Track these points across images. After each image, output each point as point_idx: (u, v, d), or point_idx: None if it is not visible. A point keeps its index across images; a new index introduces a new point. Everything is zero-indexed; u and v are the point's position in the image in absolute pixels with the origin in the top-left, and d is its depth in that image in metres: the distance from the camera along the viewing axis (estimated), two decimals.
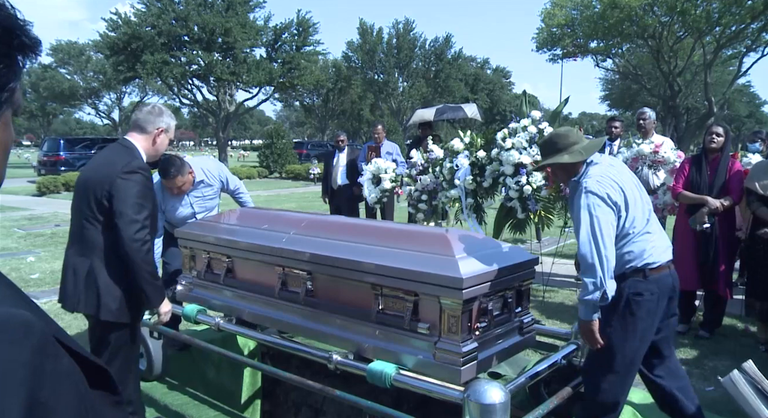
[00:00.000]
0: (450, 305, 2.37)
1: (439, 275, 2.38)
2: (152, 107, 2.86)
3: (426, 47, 41.97)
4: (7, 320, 0.62)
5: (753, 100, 54.31)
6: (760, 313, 4.59)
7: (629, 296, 2.53)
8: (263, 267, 3.13)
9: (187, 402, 3.42)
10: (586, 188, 2.48)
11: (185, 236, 3.64)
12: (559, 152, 2.64)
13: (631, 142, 5.73)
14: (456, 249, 2.51)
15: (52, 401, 0.64)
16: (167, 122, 2.81)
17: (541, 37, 27.88)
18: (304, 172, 23.83)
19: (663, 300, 2.60)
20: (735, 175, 4.75)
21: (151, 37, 25.06)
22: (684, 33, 24.89)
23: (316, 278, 2.90)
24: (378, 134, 7.79)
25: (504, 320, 2.65)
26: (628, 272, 2.55)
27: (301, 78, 29.18)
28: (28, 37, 0.73)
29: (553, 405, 2.45)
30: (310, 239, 2.99)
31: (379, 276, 2.59)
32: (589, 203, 2.45)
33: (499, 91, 52.66)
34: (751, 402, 1.67)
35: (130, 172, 2.59)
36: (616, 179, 2.52)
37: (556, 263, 6.96)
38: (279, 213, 3.74)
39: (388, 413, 2.43)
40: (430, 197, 6.06)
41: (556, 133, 2.75)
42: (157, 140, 2.78)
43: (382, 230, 3.02)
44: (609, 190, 2.46)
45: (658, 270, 2.57)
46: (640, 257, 2.54)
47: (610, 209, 2.46)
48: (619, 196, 2.48)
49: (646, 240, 2.56)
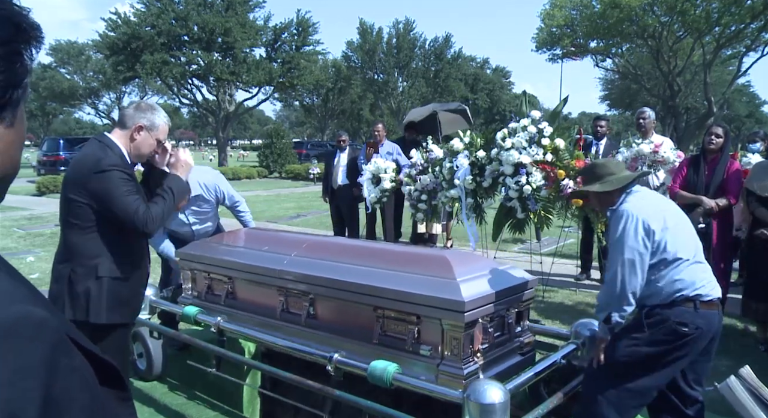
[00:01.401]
0: (452, 327, 2.42)
1: (441, 298, 2.42)
2: (138, 103, 2.71)
3: (426, 47, 41.95)
4: (25, 317, 0.63)
5: (753, 100, 54.32)
6: (758, 313, 4.60)
7: (674, 323, 2.43)
8: (265, 289, 3.16)
9: (187, 402, 3.42)
10: (622, 212, 2.50)
11: (186, 257, 3.67)
12: (593, 181, 2.68)
13: (631, 142, 5.73)
14: (457, 271, 2.55)
15: (66, 397, 0.65)
16: (150, 119, 2.62)
17: (541, 37, 27.89)
18: (303, 172, 23.82)
19: (704, 340, 2.48)
20: (733, 175, 4.75)
21: (151, 36, 25.05)
22: (684, 33, 24.88)
23: (318, 300, 2.93)
24: (378, 133, 7.79)
25: (504, 341, 2.68)
26: (678, 300, 2.46)
27: (301, 78, 29.16)
28: (33, 27, 0.74)
29: (552, 405, 2.46)
30: (312, 261, 3.02)
31: (381, 299, 2.62)
32: (624, 228, 2.47)
33: (498, 91, 52.65)
34: (749, 408, 1.67)
35: (101, 172, 2.47)
36: (655, 206, 2.53)
37: (556, 262, 6.96)
38: (279, 234, 3.78)
39: (388, 413, 2.43)
40: (430, 197, 6.06)
41: (594, 163, 2.81)
42: (136, 137, 2.60)
43: (382, 252, 3.07)
44: (645, 216, 2.46)
45: (709, 306, 2.48)
46: (692, 287, 2.46)
47: (645, 234, 2.44)
48: (657, 223, 2.46)
49: (696, 270, 2.50)
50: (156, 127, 2.65)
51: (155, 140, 2.67)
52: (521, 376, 2.55)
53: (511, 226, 5.64)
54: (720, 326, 2.56)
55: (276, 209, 13.75)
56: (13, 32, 0.71)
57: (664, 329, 2.43)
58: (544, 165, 5.15)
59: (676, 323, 2.42)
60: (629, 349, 2.46)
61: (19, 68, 0.72)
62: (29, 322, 0.64)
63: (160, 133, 2.68)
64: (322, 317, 2.92)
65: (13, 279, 0.69)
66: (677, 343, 2.42)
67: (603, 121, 6.69)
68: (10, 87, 0.71)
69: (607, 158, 2.88)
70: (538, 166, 5.17)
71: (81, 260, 2.52)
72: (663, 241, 2.45)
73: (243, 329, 3.18)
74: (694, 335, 2.42)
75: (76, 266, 2.52)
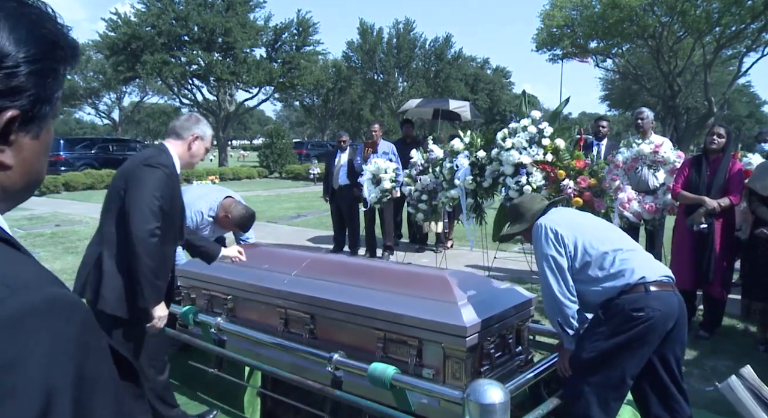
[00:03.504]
0: (453, 351, 2.44)
1: (443, 322, 2.45)
2: (189, 115, 2.96)
3: (426, 47, 41.94)
4: (59, 299, 0.67)
5: (753, 100, 54.28)
6: (759, 314, 4.59)
7: (628, 310, 2.43)
8: (265, 308, 3.18)
9: (187, 402, 3.42)
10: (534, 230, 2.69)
11: (186, 274, 3.67)
12: (517, 221, 2.89)
13: (631, 142, 5.73)
14: (458, 294, 2.58)
15: (96, 375, 0.69)
16: (203, 130, 2.88)
17: (541, 38, 27.89)
18: (304, 172, 23.82)
19: (667, 321, 2.45)
20: (735, 175, 4.75)
21: (151, 37, 25.04)
22: (684, 33, 24.89)
23: (319, 320, 2.95)
24: (375, 133, 7.79)
25: (505, 361, 2.69)
26: (626, 289, 2.47)
27: (301, 78, 29.14)
28: (70, 46, 0.76)
29: (553, 405, 2.46)
30: (312, 281, 3.04)
31: (383, 322, 2.65)
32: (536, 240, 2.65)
33: (499, 91, 52.61)
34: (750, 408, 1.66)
35: (150, 166, 2.64)
36: (562, 215, 2.76)
37: None
38: (279, 251, 3.78)
39: (388, 413, 2.43)
40: (430, 197, 6.06)
41: (514, 204, 2.98)
42: (192, 146, 2.85)
43: (382, 272, 3.09)
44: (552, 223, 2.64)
45: (660, 286, 2.47)
46: (633, 273, 2.48)
47: (554, 238, 2.58)
48: (566, 226, 2.62)
49: (632, 257, 2.54)
50: (207, 137, 2.93)
51: (205, 148, 2.95)
52: (521, 376, 2.55)
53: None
54: (682, 309, 2.52)
55: (276, 209, 13.75)
56: (48, 50, 0.73)
57: (621, 318, 2.43)
58: (545, 165, 5.15)
59: (630, 309, 2.42)
60: (593, 344, 2.47)
61: (51, 84, 0.74)
62: (62, 303, 0.67)
63: (209, 142, 2.97)
64: (323, 337, 2.94)
65: (39, 265, 0.73)
66: (637, 329, 2.40)
67: (605, 122, 6.69)
68: (39, 102, 0.73)
69: (523, 197, 3.03)
70: (539, 166, 5.17)
71: (110, 247, 2.65)
72: (579, 241, 2.56)
73: (242, 329, 3.18)
74: (654, 318, 2.40)
75: (104, 250, 2.66)
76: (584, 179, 4.97)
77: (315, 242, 9.35)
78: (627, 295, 2.46)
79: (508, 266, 7.30)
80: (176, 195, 2.78)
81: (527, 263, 6.78)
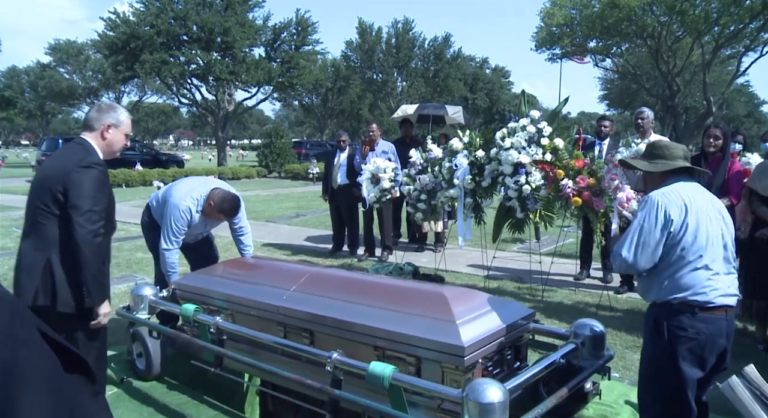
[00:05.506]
0: (452, 370, 2.46)
1: (441, 342, 2.46)
2: (99, 105, 2.93)
3: (425, 47, 41.92)
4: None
5: (752, 99, 54.27)
6: (758, 312, 4.60)
7: (670, 327, 2.43)
8: (264, 324, 3.18)
9: (186, 402, 3.42)
10: (652, 197, 2.51)
11: (184, 288, 3.68)
12: (646, 158, 2.71)
13: (630, 141, 5.73)
14: (456, 312, 2.59)
15: (27, 366, 0.67)
16: (115, 118, 2.84)
17: (540, 37, 27.90)
18: (303, 171, 23.82)
19: (712, 348, 2.42)
20: (734, 175, 4.75)
21: (150, 36, 24.98)
22: (683, 33, 24.89)
23: (317, 336, 2.96)
24: (373, 133, 7.80)
25: (503, 378, 2.68)
26: (674, 303, 2.43)
27: (300, 77, 29.09)
28: None
29: (551, 404, 2.46)
30: (311, 297, 3.05)
31: (382, 339, 2.66)
32: (644, 211, 2.50)
33: (498, 91, 52.59)
34: (750, 408, 1.65)
35: (85, 167, 2.66)
36: (687, 201, 2.48)
37: (555, 262, 6.96)
38: (278, 265, 3.79)
39: (388, 412, 2.43)
40: (429, 197, 6.06)
41: (657, 143, 2.76)
42: (106, 136, 2.81)
43: (382, 289, 3.10)
44: (670, 208, 2.45)
45: (710, 311, 2.41)
46: (689, 290, 2.41)
47: (663, 223, 2.43)
48: (679, 218, 2.43)
49: (701, 275, 2.42)
50: (122, 123, 2.87)
51: (123, 135, 2.89)
52: (520, 375, 2.55)
53: (511, 226, 5.64)
54: (731, 329, 2.50)
55: (275, 209, 13.75)
56: None
57: (665, 335, 2.44)
58: (543, 165, 5.15)
59: (674, 327, 2.42)
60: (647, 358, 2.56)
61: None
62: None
63: (126, 127, 2.90)
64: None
65: None
66: (681, 350, 2.41)
67: (607, 122, 6.68)
68: None
69: (674, 143, 2.84)
70: (538, 165, 5.17)
71: (57, 251, 2.66)
72: (678, 235, 2.43)
73: (242, 329, 3.18)
74: (698, 339, 2.39)
75: (52, 254, 2.66)
76: (583, 179, 4.97)
77: (314, 241, 9.35)
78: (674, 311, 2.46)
79: (508, 265, 7.30)
80: (110, 190, 2.85)
81: (528, 263, 6.79)
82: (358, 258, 7.90)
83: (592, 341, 2.90)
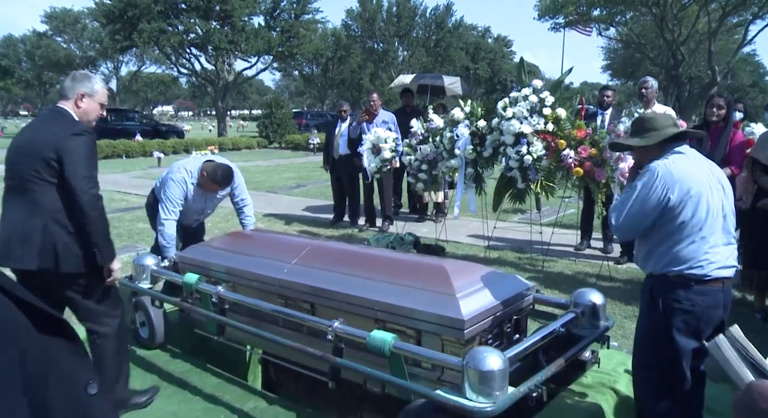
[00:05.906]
0: (452, 343, 2.48)
1: (441, 315, 2.48)
2: (74, 74, 2.90)
3: (426, 16, 41.35)
4: None
5: (757, 69, 53.62)
6: (758, 282, 4.62)
7: (666, 299, 2.45)
8: (264, 296, 3.19)
9: (189, 370, 3.46)
10: (652, 168, 2.47)
11: (186, 261, 3.69)
12: (636, 135, 2.65)
13: (633, 111, 5.68)
14: (456, 285, 2.60)
15: None
16: (89, 87, 2.83)
17: (544, 5, 27.42)
18: (303, 142, 23.72)
19: (709, 319, 2.44)
20: (737, 146, 4.71)
21: (148, 4, 24.60)
22: (689, 0, 24.46)
23: (318, 310, 2.98)
24: (373, 102, 7.73)
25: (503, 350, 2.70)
26: (671, 276, 2.44)
27: (300, 47, 28.75)
28: None
29: (551, 373, 2.48)
30: (312, 270, 3.07)
31: (382, 312, 2.68)
32: (645, 181, 2.46)
33: (500, 61, 51.98)
34: (735, 366, 1.68)
35: (78, 134, 2.67)
36: (687, 173, 2.44)
37: (556, 232, 6.97)
38: (279, 238, 3.78)
39: (389, 379, 2.46)
40: (430, 167, 6.04)
41: (643, 116, 2.71)
42: (80, 104, 2.81)
43: (383, 262, 3.11)
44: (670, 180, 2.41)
45: (707, 284, 2.42)
46: (687, 263, 2.41)
47: (661, 196, 2.40)
48: (679, 191, 2.39)
49: (700, 247, 2.41)
50: (96, 93, 2.85)
51: (98, 104, 2.88)
52: (520, 344, 2.57)
53: (512, 196, 5.64)
54: (728, 300, 2.52)
55: (276, 180, 13.73)
56: None
57: (661, 308, 2.47)
58: (545, 135, 5.12)
59: (670, 299, 2.44)
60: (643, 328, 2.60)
61: None
62: None
63: (101, 97, 2.89)
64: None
65: None
66: (676, 322, 2.44)
67: (610, 92, 6.61)
68: None
69: (658, 113, 2.78)
70: (539, 136, 5.13)
71: (56, 216, 2.68)
72: (677, 209, 2.40)
73: (243, 298, 3.19)
74: (694, 311, 2.42)
75: (48, 219, 2.68)
76: (585, 149, 4.94)
77: (314, 211, 9.36)
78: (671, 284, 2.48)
79: (508, 235, 7.32)
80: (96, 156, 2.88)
81: (529, 233, 6.80)
82: (359, 228, 7.92)
83: (592, 311, 2.91)
